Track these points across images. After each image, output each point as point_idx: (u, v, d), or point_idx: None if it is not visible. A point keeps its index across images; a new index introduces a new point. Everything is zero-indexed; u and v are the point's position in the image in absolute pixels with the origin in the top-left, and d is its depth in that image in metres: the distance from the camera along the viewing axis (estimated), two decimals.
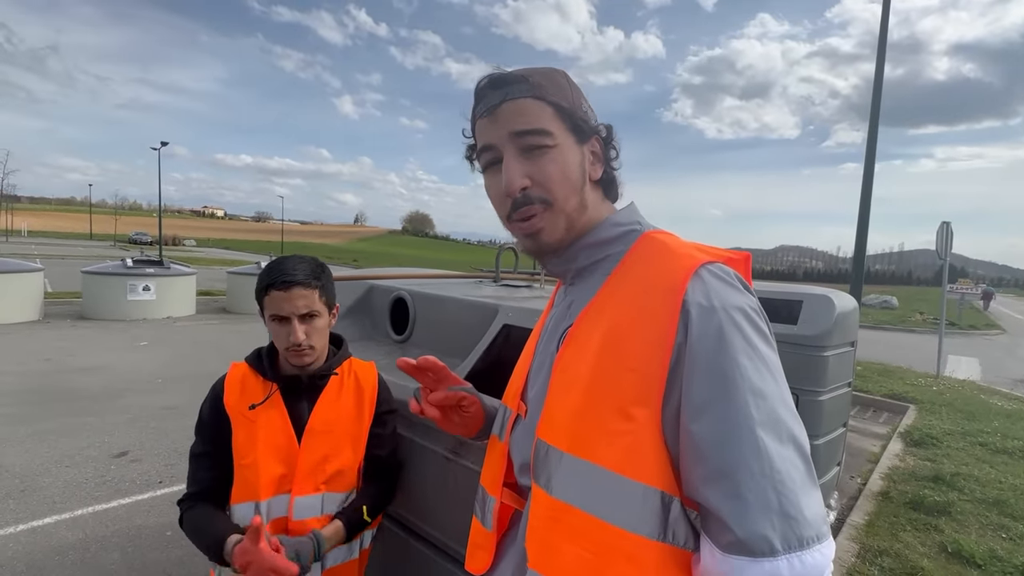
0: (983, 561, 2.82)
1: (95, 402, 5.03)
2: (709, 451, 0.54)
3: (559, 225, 0.68)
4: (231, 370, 1.21)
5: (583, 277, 0.72)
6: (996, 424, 5.39)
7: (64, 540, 2.80)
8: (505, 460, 0.76)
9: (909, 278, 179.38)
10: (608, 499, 0.57)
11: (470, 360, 1.49)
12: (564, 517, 0.60)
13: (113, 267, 10.12)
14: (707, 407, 0.55)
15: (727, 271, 0.62)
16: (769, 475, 0.52)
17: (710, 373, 0.55)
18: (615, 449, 0.57)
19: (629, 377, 0.58)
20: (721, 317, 0.56)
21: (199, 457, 1.17)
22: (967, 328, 17.96)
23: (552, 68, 0.71)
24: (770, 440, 0.53)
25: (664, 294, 0.59)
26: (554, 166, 0.66)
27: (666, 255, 0.64)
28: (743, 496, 0.52)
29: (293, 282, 1.13)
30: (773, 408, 0.55)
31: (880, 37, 7.37)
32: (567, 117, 0.67)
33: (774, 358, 0.58)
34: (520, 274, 2.49)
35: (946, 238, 8.25)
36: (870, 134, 7.33)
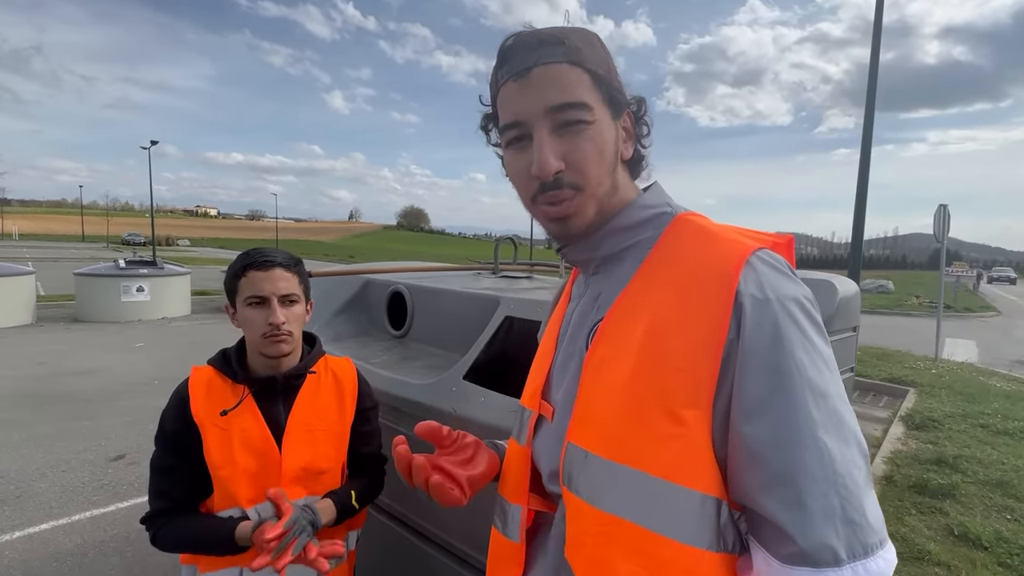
0: (989, 543, 2.81)
1: (91, 405, 4.97)
2: (766, 455, 0.49)
3: (589, 210, 0.62)
4: (193, 374, 1.13)
5: (610, 266, 0.66)
6: (996, 405, 5.40)
7: (62, 546, 2.75)
8: (528, 466, 0.70)
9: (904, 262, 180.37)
10: (663, 510, 0.52)
11: (472, 353, 1.45)
12: (615, 531, 0.55)
13: (106, 268, 10.02)
14: (763, 407, 0.50)
15: (777, 258, 0.57)
16: (832, 480, 0.48)
17: (766, 370, 0.50)
18: (666, 455, 0.52)
19: (677, 376, 0.53)
20: (776, 309, 0.52)
21: (165, 471, 1.09)
22: (963, 310, 18.05)
23: (584, 34, 0.61)
24: (832, 441, 0.49)
25: (713, 284, 0.54)
26: (591, 146, 0.59)
27: (710, 241, 0.58)
28: (805, 504, 0.47)
29: (273, 263, 1.09)
30: (834, 407, 0.50)
31: (875, 22, 7.30)
32: (604, 88, 0.60)
33: (830, 352, 0.54)
34: (520, 265, 2.44)
35: (943, 221, 8.24)
36: (866, 120, 7.28)
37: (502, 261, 2.39)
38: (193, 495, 1.10)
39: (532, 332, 1.37)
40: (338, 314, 2.08)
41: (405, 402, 1.46)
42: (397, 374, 1.56)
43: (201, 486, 1.10)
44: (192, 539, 1.07)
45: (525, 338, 1.43)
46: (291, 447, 1.12)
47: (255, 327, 1.09)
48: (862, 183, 7.26)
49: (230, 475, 1.07)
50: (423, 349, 1.83)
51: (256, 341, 1.10)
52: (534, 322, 1.40)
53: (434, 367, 1.63)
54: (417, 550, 1.43)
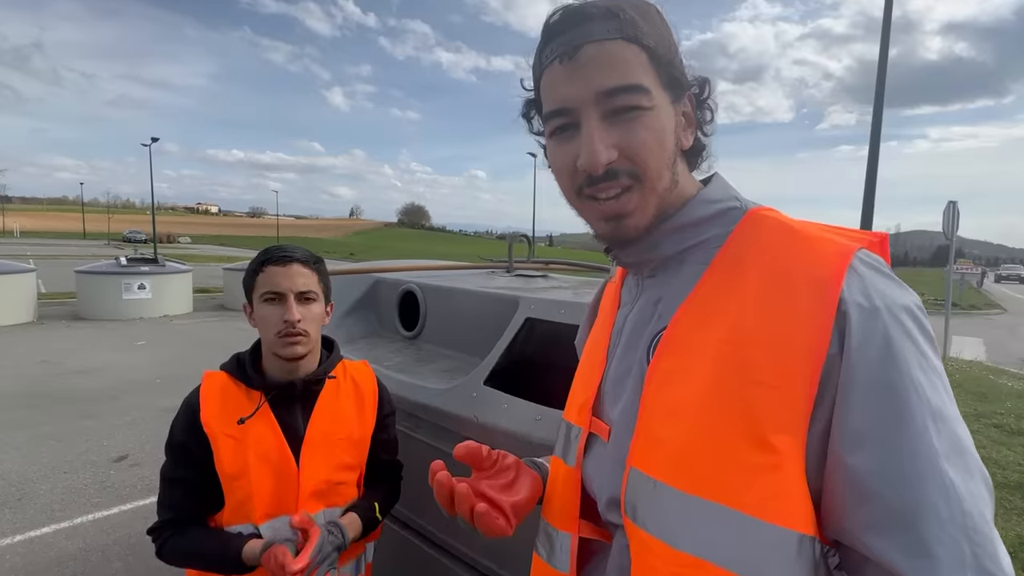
0: (1012, 548, 2.74)
1: (93, 405, 4.92)
2: (879, 490, 0.43)
3: (650, 206, 0.55)
4: (206, 381, 1.07)
5: (670, 268, 0.59)
6: (1009, 404, 5.33)
7: (64, 550, 2.70)
8: (578, 489, 0.63)
9: (906, 259, 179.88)
10: (756, 552, 0.46)
11: (492, 357, 1.38)
12: (696, 574, 0.48)
13: (107, 266, 9.98)
14: (874, 435, 0.43)
15: (880, 260, 0.50)
16: (961, 522, 0.41)
17: (877, 391, 0.44)
18: (756, 488, 0.46)
19: (766, 396, 0.46)
20: (887, 320, 0.45)
21: (175, 482, 1.04)
22: (968, 308, 17.96)
23: (643, 5, 0.54)
24: (957, 475, 0.42)
25: (809, 290, 0.47)
26: (649, 134, 0.52)
27: (798, 239, 0.51)
28: (931, 550, 0.41)
29: (292, 259, 1.05)
30: (956, 433, 0.44)
31: (884, 19, 7.20)
32: (664, 68, 0.53)
33: (942, 368, 0.47)
34: (534, 263, 2.37)
35: (952, 218, 8.16)
36: (874, 120, 7.19)
37: (517, 260, 2.32)
38: (202, 508, 1.05)
39: (555, 335, 1.30)
40: (348, 315, 2.01)
41: (423, 408, 1.40)
42: (413, 378, 1.49)
43: (212, 499, 1.04)
44: (198, 554, 1.02)
45: (548, 341, 1.36)
46: (310, 458, 1.06)
47: (270, 325, 1.04)
48: (870, 181, 7.18)
49: (244, 488, 1.01)
50: (437, 351, 1.76)
51: (271, 341, 1.05)
52: (557, 324, 1.33)
53: (451, 370, 1.56)
54: (436, 563, 1.37)
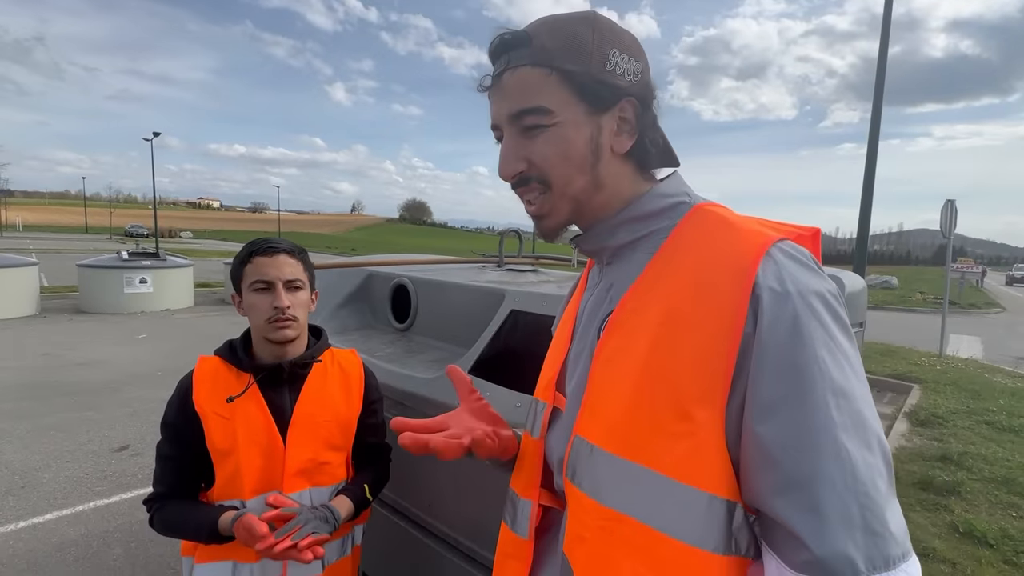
0: (995, 540, 2.80)
1: (95, 396, 4.98)
2: (781, 457, 0.47)
3: (563, 209, 0.62)
4: (199, 364, 1.13)
5: (623, 256, 0.64)
6: (1001, 402, 5.37)
7: (66, 536, 2.76)
8: (541, 459, 0.69)
9: (908, 258, 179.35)
10: (669, 509, 0.51)
11: (477, 348, 1.43)
12: (618, 528, 0.54)
13: (109, 260, 10.03)
14: (779, 407, 0.48)
15: (801, 250, 0.54)
16: (852, 486, 0.46)
17: (783, 367, 0.48)
18: (674, 453, 0.51)
19: (689, 371, 0.51)
20: (797, 304, 0.49)
21: (167, 459, 1.11)
22: (968, 307, 17.96)
23: (576, 15, 0.60)
24: (854, 446, 0.46)
25: (730, 276, 0.51)
26: (550, 147, 0.59)
27: (729, 231, 0.56)
28: (822, 510, 0.45)
29: (279, 249, 1.12)
30: (858, 409, 0.48)
31: (885, 15, 7.20)
32: (578, 83, 0.58)
33: (854, 352, 0.51)
34: (525, 258, 2.41)
35: (950, 216, 8.17)
36: (873, 114, 7.20)
37: (507, 254, 2.36)
38: (191, 484, 1.11)
39: (537, 326, 1.35)
40: (341, 307, 2.06)
41: (410, 396, 1.45)
42: (402, 368, 1.54)
43: (202, 475, 1.10)
44: (181, 524, 1.08)
45: (530, 332, 1.41)
46: (296, 437, 1.11)
47: (260, 312, 1.10)
48: (868, 178, 7.20)
49: (233, 464, 1.06)
50: (427, 343, 1.81)
51: (261, 326, 1.11)
52: (539, 316, 1.38)
53: (439, 361, 1.61)
54: (422, 545, 1.42)
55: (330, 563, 1.17)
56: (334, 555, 1.18)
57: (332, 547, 1.17)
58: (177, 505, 1.09)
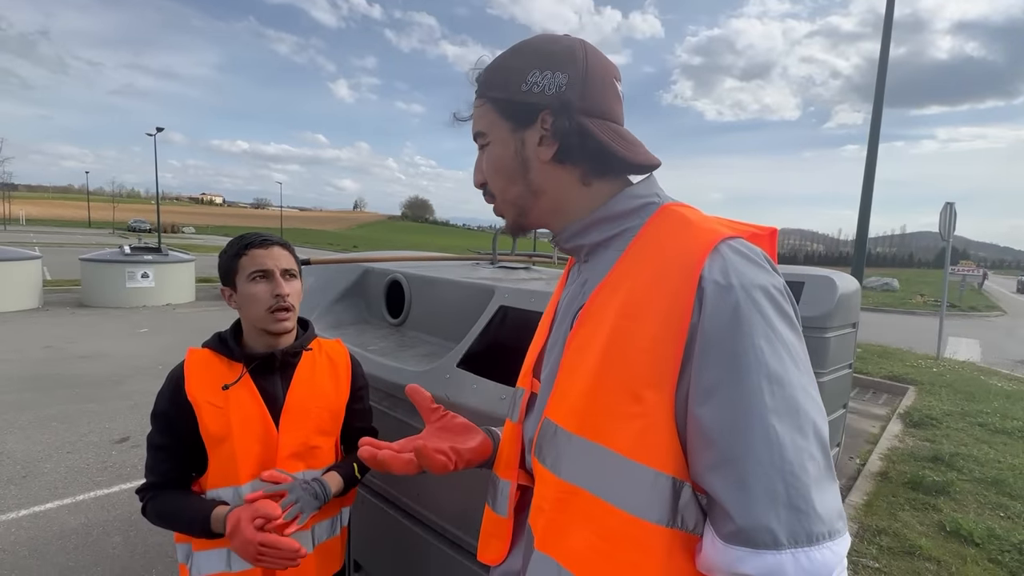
0: (981, 539, 2.83)
1: (96, 388, 5.04)
2: (716, 437, 0.51)
3: (508, 211, 0.72)
4: (189, 356, 1.16)
5: (597, 254, 0.69)
6: (996, 405, 5.39)
7: (66, 525, 2.82)
8: (519, 442, 0.74)
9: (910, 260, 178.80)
10: (618, 483, 0.56)
11: (466, 342, 1.47)
12: (572, 499, 0.59)
13: (111, 255, 10.09)
14: (716, 390, 0.52)
15: (750, 247, 0.58)
16: (779, 465, 0.49)
17: (721, 354, 0.52)
18: (626, 433, 0.55)
19: (642, 358, 0.55)
20: (739, 296, 0.53)
21: (159, 449, 1.13)
22: (968, 310, 17.96)
23: (512, 48, 0.69)
24: (784, 429, 0.50)
25: (681, 270, 0.55)
26: (488, 163, 0.70)
27: (685, 229, 0.60)
28: (748, 485, 0.49)
29: (272, 241, 1.16)
30: (791, 395, 0.51)
31: (886, 16, 7.20)
32: (501, 107, 0.67)
33: (798, 343, 0.55)
34: (518, 256, 2.45)
35: (949, 219, 8.18)
36: (874, 116, 7.21)
37: (501, 252, 2.40)
38: (184, 473, 1.14)
39: (525, 321, 1.39)
40: (337, 302, 2.10)
41: (400, 389, 1.49)
42: (393, 361, 1.58)
43: (194, 464, 1.13)
44: (173, 517, 1.10)
45: (519, 327, 1.45)
46: (289, 422, 1.15)
47: (260, 302, 1.12)
48: (868, 180, 7.21)
49: (228, 451, 1.09)
50: (420, 337, 1.85)
51: (260, 317, 1.13)
52: (528, 312, 1.41)
53: (430, 355, 1.65)
54: (410, 533, 1.46)
55: (320, 542, 1.21)
56: (324, 534, 1.22)
57: (322, 527, 1.21)
58: (170, 496, 1.11)
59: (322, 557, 1.21)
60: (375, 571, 1.66)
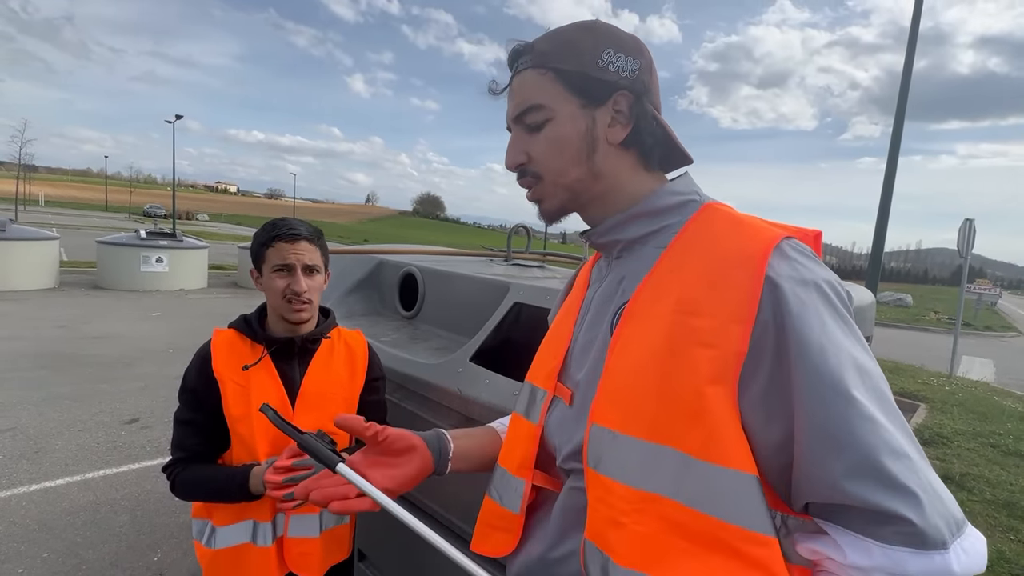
0: (991, 562, 2.78)
1: (108, 369, 5.11)
2: (845, 439, 0.48)
3: (556, 196, 0.67)
4: (216, 335, 1.20)
5: (634, 250, 0.67)
6: (1009, 426, 5.30)
7: (75, 501, 2.86)
8: (537, 444, 0.71)
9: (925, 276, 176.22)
10: (695, 485, 0.53)
11: (479, 337, 1.47)
12: (654, 508, 0.55)
13: (127, 238, 10.24)
14: (822, 392, 0.49)
15: (805, 247, 0.58)
16: (908, 456, 0.48)
17: (813, 353, 0.50)
18: (695, 432, 0.53)
19: (705, 353, 0.53)
20: (813, 291, 0.52)
21: (186, 424, 1.16)
22: (983, 329, 17.66)
23: (577, 23, 0.65)
24: (888, 418, 0.49)
25: (744, 266, 0.54)
26: (545, 143, 0.65)
27: (740, 227, 0.59)
28: (905, 486, 0.47)
29: (299, 236, 1.17)
30: (878, 385, 0.51)
31: (911, 30, 7.10)
32: (573, 80, 0.63)
33: (859, 331, 0.55)
34: (532, 254, 2.45)
35: (968, 236, 8.05)
36: (895, 129, 7.11)
37: (515, 250, 2.40)
38: (211, 448, 1.17)
39: (540, 319, 1.38)
40: (351, 292, 2.11)
41: (412, 380, 1.49)
42: (406, 353, 1.58)
43: (220, 440, 1.16)
44: (206, 484, 1.13)
45: (532, 324, 1.44)
46: (304, 407, 1.17)
47: (278, 293, 1.16)
48: (886, 193, 7.12)
49: (247, 429, 1.12)
50: (432, 331, 1.86)
51: (279, 305, 1.17)
52: (542, 309, 1.41)
53: (442, 348, 1.65)
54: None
55: (328, 528, 1.22)
56: (333, 521, 1.23)
57: (331, 514, 1.22)
58: (201, 467, 1.14)
59: (330, 544, 1.22)
60: (379, 561, 1.67)
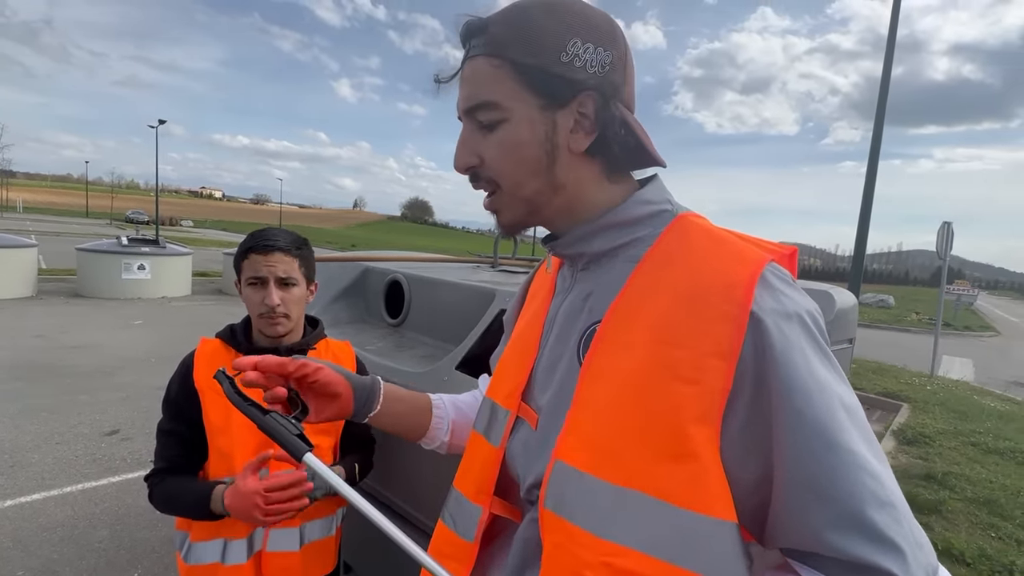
0: (972, 559, 2.83)
1: (87, 380, 5.00)
2: (828, 488, 0.45)
3: (515, 208, 0.60)
4: (201, 345, 1.19)
5: (600, 263, 0.61)
6: (988, 424, 5.41)
7: (52, 517, 2.78)
8: (497, 468, 0.64)
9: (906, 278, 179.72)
10: (673, 537, 0.48)
11: (465, 345, 1.46)
12: (624, 563, 0.49)
13: (108, 245, 10.04)
14: (806, 439, 0.46)
15: (785, 272, 0.54)
16: (892, 502, 0.46)
17: (797, 397, 0.46)
18: (676, 477, 0.48)
19: (687, 390, 0.48)
20: (796, 325, 0.49)
21: (168, 434, 1.15)
22: (962, 329, 18.05)
23: (542, 2, 0.55)
24: (874, 461, 0.46)
25: (725, 295, 0.50)
26: (499, 148, 0.56)
27: (720, 247, 0.54)
28: (889, 539, 0.44)
29: (274, 247, 1.14)
30: (862, 421, 0.49)
31: (889, 38, 7.27)
32: (530, 77, 0.54)
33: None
34: (519, 260, 2.45)
35: (947, 238, 8.23)
36: (875, 134, 7.26)
37: (503, 256, 2.40)
38: (191, 459, 1.15)
39: None
40: (336, 300, 2.09)
41: None
42: (391, 362, 1.57)
43: (200, 451, 1.14)
44: (177, 500, 1.11)
45: None
46: None
47: (253, 306, 1.15)
48: (867, 197, 7.26)
49: (227, 441, 1.10)
50: (418, 338, 1.84)
51: (255, 319, 1.17)
52: None
53: (428, 356, 1.64)
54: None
55: (312, 540, 1.19)
56: (318, 533, 1.21)
57: (317, 526, 1.20)
58: (175, 480, 1.13)
59: (312, 557, 1.20)
60: (366, 573, 1.64)
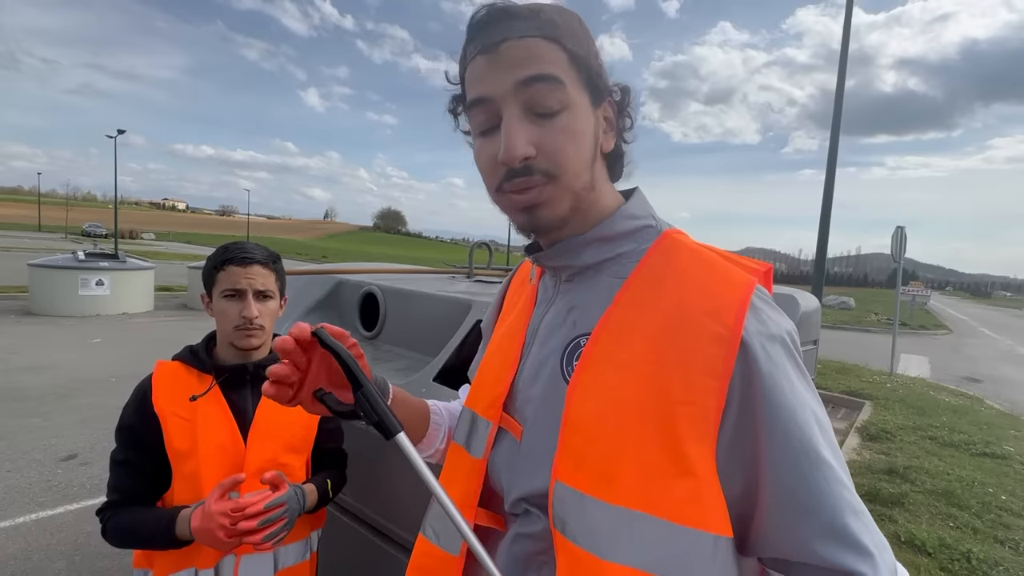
0: (933, 549, 2.96)
1: (41, 403, 4.74)
2: (814, 503, 0.48)
3: (563, 202, 0.56)
4: (158, 368, 1.13)
5: (586, 276, 0.61)
6: (944, 419, 5.68)
7: (4, 550, 2.62)
8: (481, 479, 0.64)
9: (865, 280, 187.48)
10: (675, 555, 0.49)
11: (442, 356, 1.46)
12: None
13: (63, 260, 9.59)
14: (794, 457, 0.49)
15: (766, 293, 0.56)
16: (862, 511, 0.50)
17: (784, 417, 0.49)
18: (674, 496, 0.49)
19: (682, 411, 0.50)
20: (781, 349, 0.52)
21: (122, 464, 1.08)
22: (917, 328, 18.92)
23: (565, 8, 0.57)
24: (844, 472, 0.50)
25: (715, 318, 0.51)
26: (567, 135, 0.54)
27: (708, 269, 0.56)
28: (864, 546, 0.48)
29: (253, 260, 1.12)
30: (831, 436, 0.52)
31: (842, 52, 7.66)
32: (583, 69, 0.55)
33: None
34: (494, 270, 2.46)
35: (900, 242, 8.64)
36: (832, 143, 7.61)
37: (478, 266, 2.41)
38: (148, 490, 1.09)
39: None
40: (310, 313, 2.05)
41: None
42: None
43: (159, 481, 1.08)
44: (136, 531, 1.04)
45: None
46: (257, 439, 1.11)
47: (228, 319, 1.11)
48: (826, 203, 7.57)
49: (192, 465, 1.06)
50: (394, 351, 1.83)
51: (228, 332, 1.12)
52: None
53: (405, 369, 1.63)
54: (381, 551, 1.43)
55: (287, 566, 1.16)
56: (292, 558, 1.18)
57: (292, 550, 1.17)
58: (132, 511, 1.06)
59: None
60: None
